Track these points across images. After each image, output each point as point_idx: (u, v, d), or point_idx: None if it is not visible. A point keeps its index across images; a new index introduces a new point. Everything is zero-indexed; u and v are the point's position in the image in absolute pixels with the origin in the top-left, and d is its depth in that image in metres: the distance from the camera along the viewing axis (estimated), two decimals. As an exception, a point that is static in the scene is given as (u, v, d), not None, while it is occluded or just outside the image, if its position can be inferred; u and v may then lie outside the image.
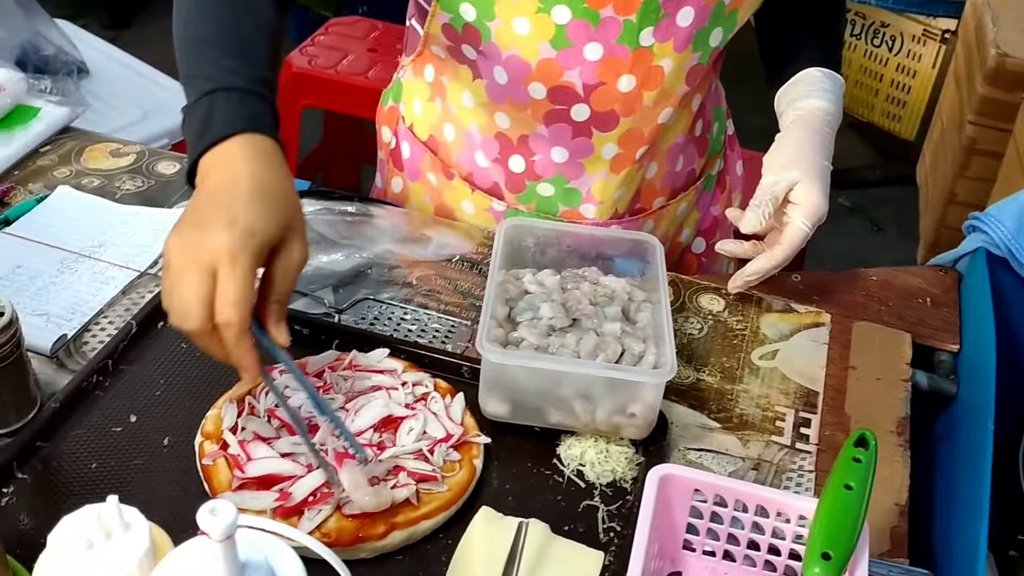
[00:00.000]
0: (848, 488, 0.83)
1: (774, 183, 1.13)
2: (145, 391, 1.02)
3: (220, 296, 0.84)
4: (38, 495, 0.92)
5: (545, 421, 1.00)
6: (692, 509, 0.89)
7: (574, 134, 1.19)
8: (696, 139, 1.29)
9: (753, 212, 1.13)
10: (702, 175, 1.35)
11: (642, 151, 1.21)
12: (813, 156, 1.14)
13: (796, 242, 1.13)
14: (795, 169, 1.13)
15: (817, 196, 1.12)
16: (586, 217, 1.25)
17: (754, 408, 1.07)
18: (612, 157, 1.21)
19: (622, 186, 1.23)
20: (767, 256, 1.15)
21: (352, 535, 0.87)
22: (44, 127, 1.40)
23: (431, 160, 1.31)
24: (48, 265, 1.18)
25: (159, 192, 1.32)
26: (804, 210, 1.12)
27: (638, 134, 1.19)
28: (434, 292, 1.19)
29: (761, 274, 1.16)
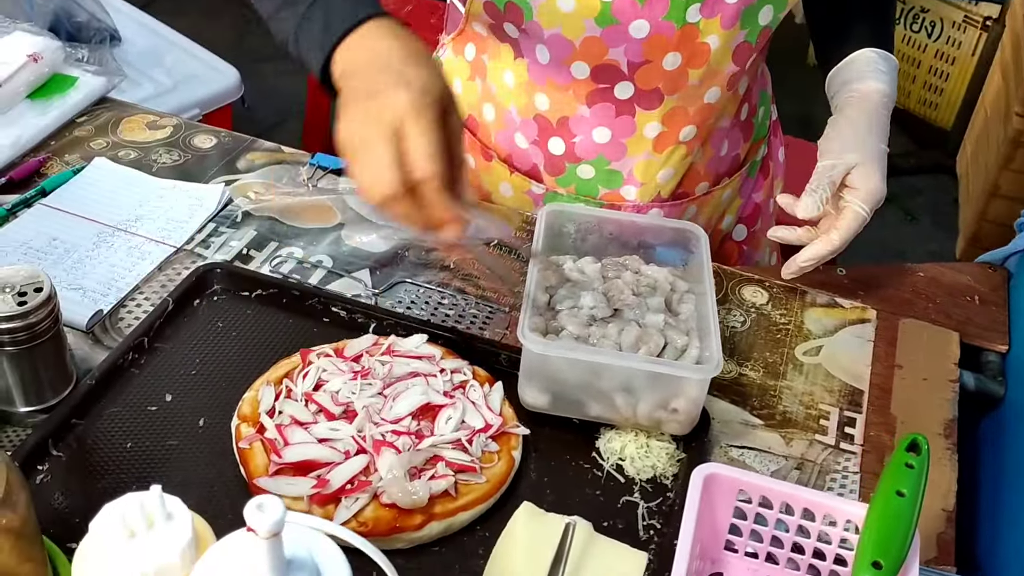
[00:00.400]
0: (900, 495, 0.81)
1: (832, 167, 1.11)
2: (180, 370, 1.01)
3: (413, 152, 0.82)
4: (73, 474, 0.91)
5: (585, 414, 0.98)
6: (736, 509, 0.87)
7: (617, 112, 1.16)
8: (741, 123, 1.27)
9: (810, 196, 1.10)
10: (746, 161, 1.32)
11: (687, 132, 1.19)
12: (871, 139, 1.12)
13: (854, 227, 1.10)
14: (853, 152, 1.11)
15: (876, 180, 1.10)
16: (627, 199, 1.23)
17: (797, 405, 1.05)
18: (655, 136, 1.18)
19: (665, 167, 1.21)
20: (824, 241, 1.12)
21: (389, 525, 0.85)
22: (81, 97, 1.39)
23: (469, 141, 1.29)
24: (84, 239, 1.17)
25: (195, 166, 1.31)
26: (863, 195, 1.10)
27: (682, 113, 1.17)
28: (472, 277, 1.17)
29: (817, 260, 1.13)
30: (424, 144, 0.82)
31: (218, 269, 1.11)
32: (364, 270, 1.16)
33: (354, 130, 0.84)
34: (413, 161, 0.82)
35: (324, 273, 1.15)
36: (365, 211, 1.25)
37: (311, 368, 0.97)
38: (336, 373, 0.97)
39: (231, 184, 1.27)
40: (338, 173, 1.31)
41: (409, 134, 0.82)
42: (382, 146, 0.82)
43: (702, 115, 1.18)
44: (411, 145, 0.82)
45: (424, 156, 0.82)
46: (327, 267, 1.16)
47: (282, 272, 1.15)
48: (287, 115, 3.41)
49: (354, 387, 0.95)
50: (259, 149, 1.35)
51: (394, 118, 0.82)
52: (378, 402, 0.94)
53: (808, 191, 1.11)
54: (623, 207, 1.23)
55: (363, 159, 0.83)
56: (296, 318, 1.08)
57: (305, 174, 1.31)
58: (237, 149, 1.34)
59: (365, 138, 0.83)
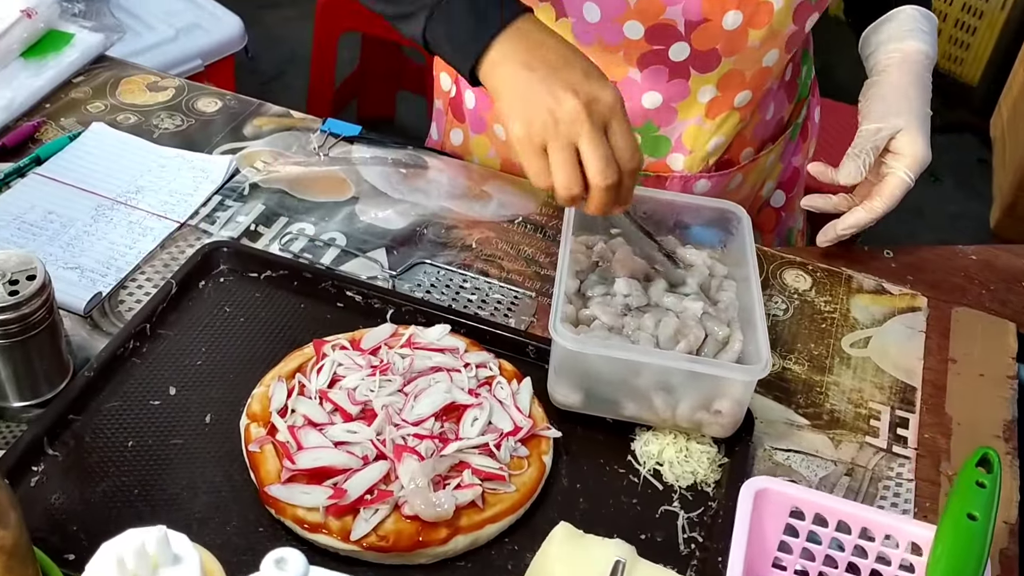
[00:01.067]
0: (972, 518, 0.74)
1: (876, 131, 1.06)
2: (185, 360, 0.94)
3: (625, 147, 0.86)
4: (70, 475, 0.84)
5: (619, 414, 0.91)
6: (787, 526, 0.80)
7: (670, 76, 1.08)
8: (786, 84, 1.19)
9: (853, 161, 1.05)
10: (790, 123, 1.24)
11: (742, 97, 1.11)
12: (917, 103, 1.07)
13: (898, 195, 1.06)
14: (899, 117, 1.06)
15: (922, 146, 1.05)
16: (673, 169, 1.15)
17: (846, 403, 0.98)
18: (709, 100, 1.11)
19: (717, 134, 1.13)
20: (866, 208, 1.07)
21: (411, 539, 0.79)
22: (78, 55, 1.30)
23: (497, 108, 1.20)
24: (82, 212, 1.09)
25: (199, 132, 1.22)
26: (908, 161, 1.05)
27: (739, 77, 1.09)
28: (495, 257, 1.09)
29: (858, 228, 1.09)
30: (632, 138, 0.87)
31: (225, 248, 1.04)
32: (380, 249, 1.09)
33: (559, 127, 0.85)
34: (626, 155, 0.86)
35: (337, 252, 1.08)
36: (380, 183, 1.17)
37: (326, 362, 0.90)
38: (353, 368, 0.90)
39: (237, 153, 1.19)
40: (350, 141, 1.23)
41: (618, 130, 0.86)
42: (599, 140, 0.85)
43: (759, 79, 1.10)
44: (621, 142, 0.86)
45: (635, 149, 0.87)
46: (340, 245, 1.08)
47: (292, 251, 1.07)
48: (290, 64, 3.30)
49: (372, 384, 0.88)
50: (266, 114, 1.26)
51: (605, 114, 0.85)
52: (398, 400, 0.87)
53: (850, 155, 1.06)
54: (668, 178, 1.15)
55: (568, 158, 0.85)
56: (308, 303, 1.01)
57: (316, 142, 1.22)
58: (244, 114, 1.26)
59: (579, 134, 0.85)
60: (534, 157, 0.86)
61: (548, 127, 0.85)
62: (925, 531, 0.77)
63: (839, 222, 1.10)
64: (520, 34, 0.89)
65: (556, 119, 0.84)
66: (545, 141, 0.85)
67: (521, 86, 0.87)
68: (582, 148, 0.85)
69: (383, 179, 1.18)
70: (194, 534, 0.80)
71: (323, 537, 0.79)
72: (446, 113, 1.28)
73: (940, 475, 0.93)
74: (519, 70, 0.87)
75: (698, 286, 1.00)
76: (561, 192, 0.87)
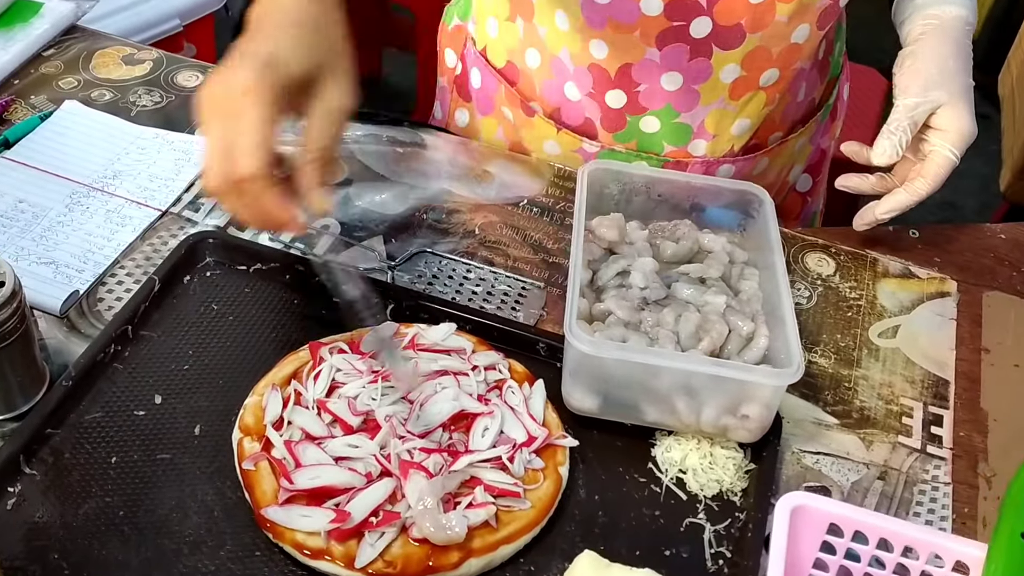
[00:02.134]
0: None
1: (915, 106, 0.98)
2: (171, 365, 0.87)
3: (235, 144, 0.70)
4: (49, 496, 0.78)
5: (639, 419, 0.85)
6: (823, 543, 0.75)
7: (691, 55, 1.00)
8: (819, 63, 1.11)
9: (888, 140, 0.98)
10: (821, 105, 1.16)
11: (768, 76, 1.03)
12: (959, 75, 1.00)
13: (943, 174, 1.00)
14: (940, 90, 0.98)
15: (967, 120, 0.98)
16: (695, 155, 1.08)
17: (876, 400, 0.93)
18: (732, 81, 1.02)
19: (741, 116, 1.05)
20: (909, 190, 1.01)
21: (421, 564, 0.73)
22: (48, 26, 1.21)
23: (507, 92, 1.12)
24: (55, 200, 1.01)
25: (179, 109, 1.14)
26: (953, 137, 0.98)
27: (765, 55, 1.01)
28: (500, 244, 1.03)
29: (899, 211, 1.02)
30: (245, 136, 0.70)
31: (210, 239, 0.96)
32: (377, 237, 1.02)
33: (200, 110, 0.73)
34: (237, 155, 0.70)
35: (331, 241, 1.01)
36: (375, 164, 1.10)
37: (323, 367, 0.84)
38: (352, 374, 0.83)
39: (222, 132, 1.11)
40: (343, 117, 1.15)
41: (240, 120, 0.70)
42: (214, 133, 0.72)
43: (787, 57, 1.02)
44: (237, 136, 0.70)
45: (243, 151, 0.70)
46: (334, 234, 1.01)
47: (283, 240, 1.00)
48: (274, 21, 3.19)
49: (374, 391, 0.82)
50: (252, 88, 1.18)
51: (231, 102, 0.71)
52: (403, 410, 0.81)
53: (885, 133, 0.99)
54: (690, 165, 1.08)
55: (204, 140, 0.72)
56: (302, 298, 0.94)
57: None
58: (227, 88, 1.18)
59: (205, 122, 0.72)
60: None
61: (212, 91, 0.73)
62: (974, 550, 0.72)
63: (879, 205, 1.03)
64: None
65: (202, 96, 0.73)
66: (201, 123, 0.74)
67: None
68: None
69: (378, 159, 1.11)
70: (185, 560, 0.75)
71: (325, 564, 0.73)
72: (451, 92, 1.20)
73: (978, 477, 0.88)
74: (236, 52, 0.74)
75: (719, 276, 0.94)
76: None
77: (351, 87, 0.76)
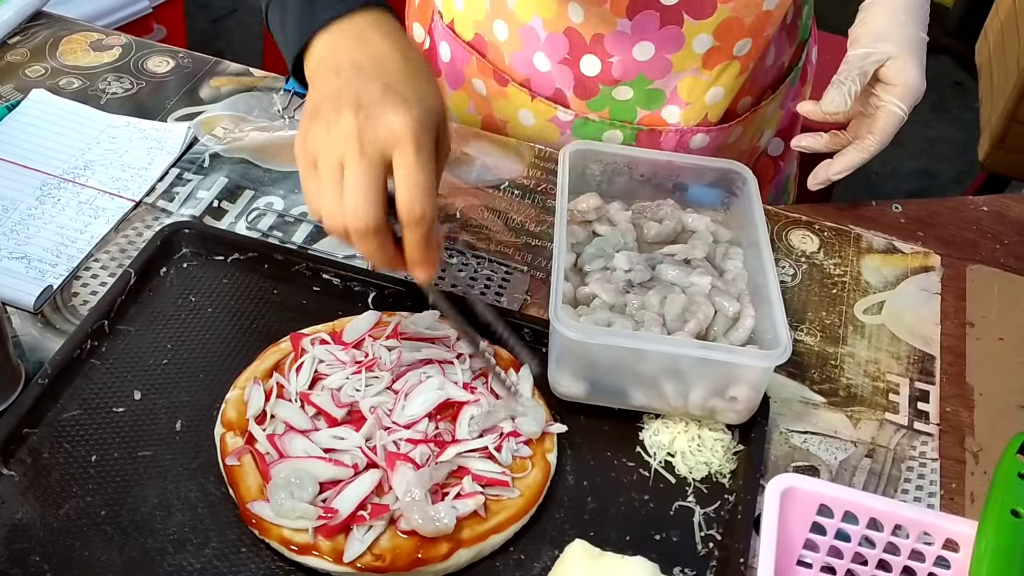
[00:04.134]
0: (1016, 515, 0.69)
1: (864, 56, 0.97)
2: (150, 359, 0.86)
3: (408, 188, 0.69)
4: (29, 497, 0.76)
5: (627, 403, 0.84)
6: (813, 524, 0.75)
7: (662, 23, 0.99)
8: (787, 27, 1.10)
9: (837, 89, 0.97)
10: (791, 69, 1.15)
11: (740, 46, 1.02)
12: (910, 27, 0.98)
13: (890, 129, 0.98)
14: (889, 42, 0.97)
15: (914, 74, 0.97)
16: (669, 122, 1.07)
17: (862, 377, 0.92)
18: (705, 51, 1.02)
19: (715, 85, 1.04)
20: (858, 147, 1.00)
21: (410, 557, 0.72)
22: (12, 13, 1.18)
23: (478, 63, 1.11)
24: (25, 193, 0.99)
25: (150, 96, 1.12)
26: (900, 91, 0.97)
27: (737, 25, 1.00)
28: (483, 228, 1.01)
29: (851, 169, 1.01)
30: (422, 179, 0.69)
31: (186, 229, 0.95)
32: (357, 224, 1.00)
33: (330, 144, 0.69)
34: (407, 199, 0.69)
35: (310, 229, 0.99)
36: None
37: (305, 359, 0.82)
38: (335, 365, 0.82)
39: (195, 119, 1.09)
40: (318, 100, 1.13)
41: (403, 165, 0.69)
42: (367, 173, 0.68)
43: (759, 25, 1.01)
44: (406, 180, 0.69)
45: (420, 196, 0.69)
46: (313, 221, 1.00)
47: (260, 229, 0.98)
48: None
49: (358, 382, 0.81)
50: (224, 73, 1.16)
51: (386, 145, 0.68)
52: (388, 400, 0.80)
53: (835, 83, 0.98)
54: (664, 134, 1.07)
55: (334, 182, 0.69)
56: (282, 288, 0.92)
57: (280, 103, 1.13)
58: (199, 73, 1.15)
59: (345, 157, 0.68)
60: (306, 172, 0.71)
61: (320, 141, 0.70)
62: (963, 527, 0.72)
63: (831, 164, 1.02)
64: (351, 31, 0.73)
65: (329, 133, 0.69)
66: (316, 156, 0.70)
67: (321, 91, 0.72)
68: (344, 175, 0.69)
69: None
70: (170, 558, 0.74)
71: (313, 559, 0.72)
72: None
73: (965, 452, 0.87)
74: (328, 74, 0.72)
75: (704, 257, 0.93)
76: (325, 221, 0.71)
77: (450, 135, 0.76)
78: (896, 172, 2.91)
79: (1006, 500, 0.69)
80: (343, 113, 0.69)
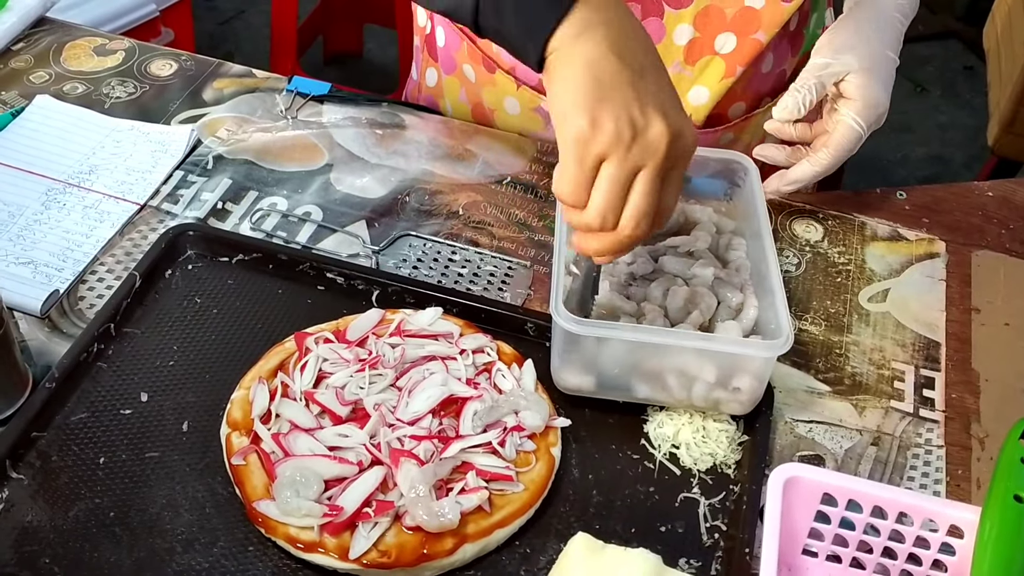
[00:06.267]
0: (1019, 500, 0.68)
1: (824, 66, 0.96)
2: (156, 361, 0.87)
3: (671, 204, 0.73)
4: (38, 500, 0.77)
5: (631, 396, 0.85)
6: (818, 513, 0.75)
7: (643, 14, 0.99)
8: (790, 34, 1.09)
9: (792, 97, 0.96)
10: (793, 77, 1.14)
11: (723, 40, 1.01)
12: (876, 44, 0.97)
13: (846, 145, 0.96)
14: (851, 55, 0.96)
15: (875, 91, 0.95)
16: None
17: (867, 365, 0.92)
18: (687, 43, 1.01)
19: (698, 83, 1.04)
20: (811, 161, 0.98)
21: (415, 552, 0.73)
22: (16, 19, 1.19)
23: (469, 49, 1.11)
24: (31, 198, 1.00)
25: (154, 99, 1.13)
26: (859, 107, 0.95)
27: (718, 15, 0.99)
28: (485, 224, 1.02)
29: (803, 183, 1.00)
30: (651, 204, 0.71)
31: (191, 231, 0.95)
32: (360, 222, 1.00)
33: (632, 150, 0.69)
34: (667, 214, 0.73)
35: (314, 228, 1.00)
36: (355, 148, 1.08)
37: (310, 358, 0.83)
38: (339, 363, 0.83)
39: (198, 121, 1.10)
40: (320, 100, 1.14)
41: (676, 182, 0.72)
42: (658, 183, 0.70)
43: (743, 22, 1.00)
44: (672, 196, 0.73)
45: (645, 215, 0.71)
46: (317, 220, 1.00)
47: (265, 229, 0.99)
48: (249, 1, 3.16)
49: (362, 380, 0.81)
50: (227, 75, 1.17)
51: (679, 156, 0.71)
52: (391, 397, 0.81)
53: (791, 90, 0.96)
54: None
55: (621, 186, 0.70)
56: (286, 288, 0.93)
57: (282, 103, 1.13)
58: (202, 76, 1.16)
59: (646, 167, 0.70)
60: (581, 164, 0.69)
61: (621, 141, 0.68)
62: (967, 513, 0.72)
63: (785, 175, 1.01)
64: (605, 7, 0.71)
65: (635, 136, 0.68)
66: (607, 154, 0.69)
67: (606, 76, 0.68)
68: (638, 182, 0.69)
69: (358, 142, 1.09)
70: (178, 558, 0.75)
71: (319, 557, 0.72)
72: (423, 50, 1.19)
73: (971, 439, 0.87)
74: (607, 53, 0.69)
75: (707, 248, 0.93)
76: (591, 215, 0.70)
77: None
78: (907, 158, 2.90)
79: (1009, 486, 0.69)
80: (652, 119, 0.69)
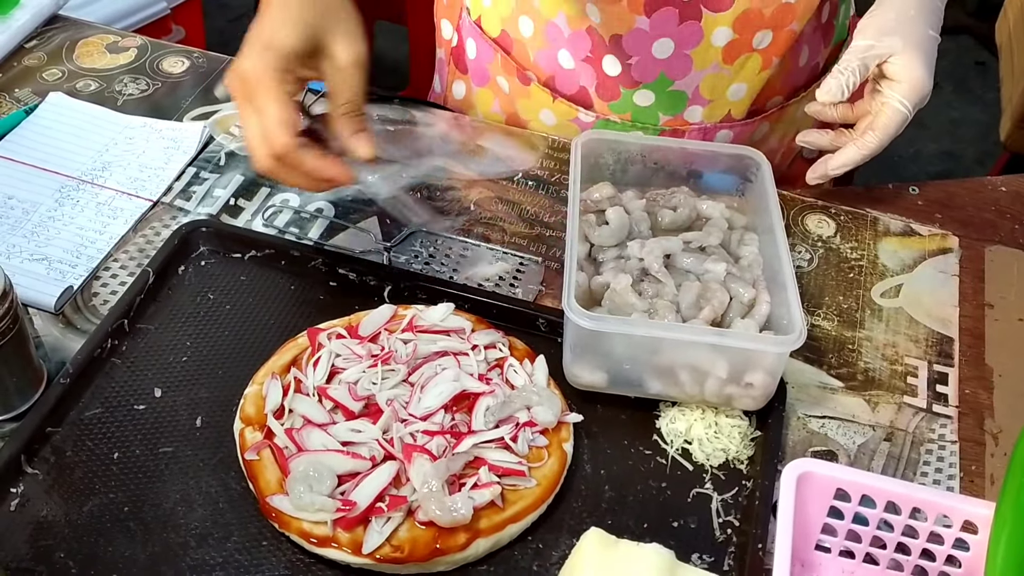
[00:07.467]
0: (1034, 496, 0.68)
1: (867, 48, 0.95)
2: (170, 357, 0.87)
3: (264, 126, 0.77)
4: (53, 494, 0.78)
5: (643, 392, 0.85)
6: (831, 508, 0.75)
7: (681, 18, 0.99)
8: (822, 26, 1.08)
9: (835, 79, 0.95)
10: (826, 68, 1.14)
11: (761, 38, 1.01)
12: (920, 24, 0.96)
13: (893, 127, 0.96)
14: (895, 36, 0.94)
15: (920, 72, 0.94)
16: (691, 122, 1.06)
17: (880, 361, 0.92)
18: (725, 44, 1.01)
19: (737, 80, 1.04)
20: (859, 144, 0.97)
21: (428, 547, 0.73)
22: (29, 17, 1.20)
23: (503, 61, 1.11)
24: (45, 195, 1.00)
25: (166, 96, 1.13)
26: (904, 88, 0.94)
27: (757, 16, 0.99)
28: (496, 220, 1.02)
29: (850, 165, 0.99)
30: (268, 117, 0.77)
31: (203, 227, 0.96)
32: (372, 219, 1.01)
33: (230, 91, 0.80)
34: (269, 135, 0.77)
35: (326, 224, 1.00)
36: (367, 143, 1.08)
37: (322, 353, 0.83)
38: (352, 359, 0.83)
39: (210, 118, 1.10)
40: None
41: (260, 103, 0.77)
42: (245, 121, 0.79)
43: (780, 17, 1.00)
44: (263, 118, 0.77)
45: (272, 132, 0.77)
46: (329, 216, 1.01)
47: (277, 226, 0.99)
48: (261, -4, 3.16)
49: (374, 376, 0.81)
50: (239, 72, 1.17)
51: (248, 89, 0.78)
52: (404, 392, 0.81)
53: (834, 72, 0.96)
54: (687, 132, 1.07)
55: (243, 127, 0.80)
56: (298, 284, 0.93)
57: (294, 100, 1.13)
58: (213, 73, 1.16)
59: (237, 105, 0.80)
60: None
61: (232, 82, 0.79)
62: (981, 509, 0.71)
63: (831, 159, 1.00)
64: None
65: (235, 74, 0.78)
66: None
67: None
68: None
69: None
70: (192, 552, 0.75)
71: (333, 551, 0.73)
72: (448, 63, 1.19)
73: (984, 434, 0.87)
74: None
75: (719, 243, 0.93)
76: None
77: (355, 41, 0.79)
78: (919, 154, 2.89)
79: (1023, 481, 0.69)
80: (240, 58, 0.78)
